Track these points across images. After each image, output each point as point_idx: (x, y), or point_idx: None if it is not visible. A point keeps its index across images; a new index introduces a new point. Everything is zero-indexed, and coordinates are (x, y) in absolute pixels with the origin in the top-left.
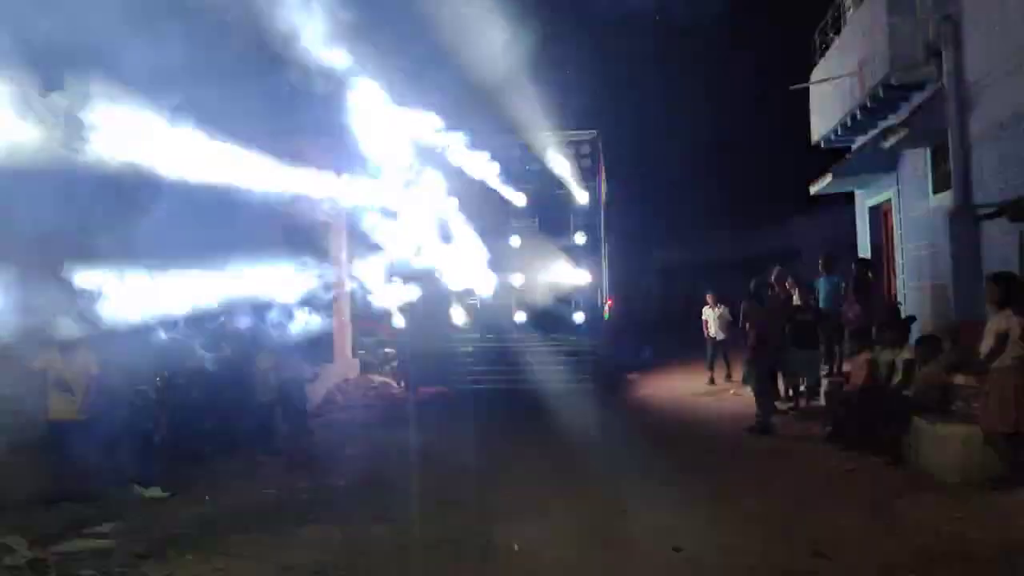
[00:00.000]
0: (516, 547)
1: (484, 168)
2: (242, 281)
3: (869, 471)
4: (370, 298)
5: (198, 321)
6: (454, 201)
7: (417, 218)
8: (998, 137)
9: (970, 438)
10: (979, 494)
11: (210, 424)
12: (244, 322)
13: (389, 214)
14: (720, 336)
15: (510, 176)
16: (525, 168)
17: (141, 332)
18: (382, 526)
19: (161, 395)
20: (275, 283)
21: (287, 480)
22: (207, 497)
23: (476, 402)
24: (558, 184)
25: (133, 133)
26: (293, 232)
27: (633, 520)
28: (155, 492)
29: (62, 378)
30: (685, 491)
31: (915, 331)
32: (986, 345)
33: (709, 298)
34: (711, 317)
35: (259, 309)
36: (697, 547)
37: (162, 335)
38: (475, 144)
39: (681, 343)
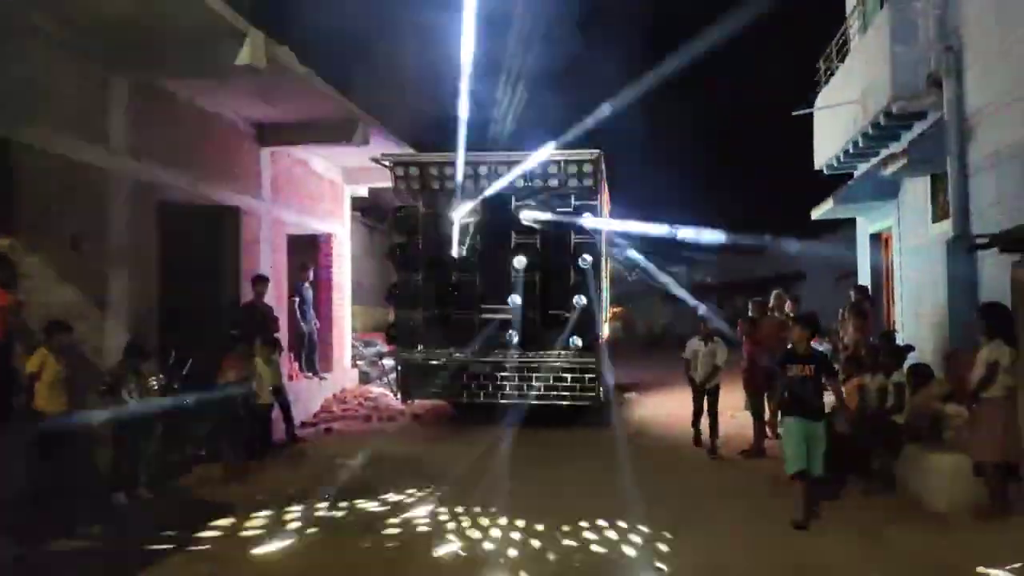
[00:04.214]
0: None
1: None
2: None
3: (858, 497)
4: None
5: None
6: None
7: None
8: (996, 168)
9: (960, 467)
10: (967, 523)
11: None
12: None
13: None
14: (712, 382)
15: (513, 193)
16: (527, 185)
17: None
18: (361, 529)
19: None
20: None
21: (276, 484)
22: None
23: (472, 416)
24: (560, 203)
25: None
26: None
27: (618, 539)
28: (143, 493)
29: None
30: (672, 512)
31: (913, 359)
32: (976, 375)
33: (703, 326)
34: (701, 352)
35: None
36: (680, 569)
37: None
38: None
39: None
